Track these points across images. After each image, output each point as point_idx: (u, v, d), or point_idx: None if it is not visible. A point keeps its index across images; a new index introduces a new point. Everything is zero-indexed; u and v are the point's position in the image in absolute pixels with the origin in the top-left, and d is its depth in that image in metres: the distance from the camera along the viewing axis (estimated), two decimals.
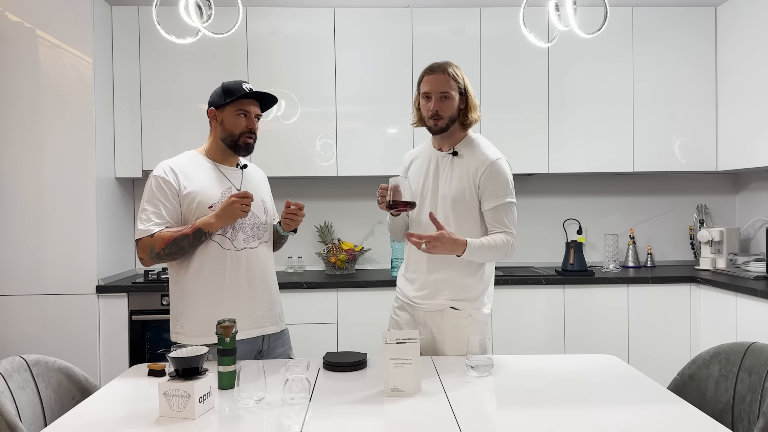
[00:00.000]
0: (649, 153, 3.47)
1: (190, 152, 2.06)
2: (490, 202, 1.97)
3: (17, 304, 3.01)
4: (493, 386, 1.70)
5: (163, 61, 3.32)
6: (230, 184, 2.02)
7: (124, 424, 1.42)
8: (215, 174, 2.01)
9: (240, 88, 1.98)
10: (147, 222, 1.89)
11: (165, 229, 1.89)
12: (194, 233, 1.88)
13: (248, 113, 2.00)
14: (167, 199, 1.92)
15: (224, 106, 1.98)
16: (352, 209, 3.71)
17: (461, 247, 1.89)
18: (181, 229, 1.89)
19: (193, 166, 2.00)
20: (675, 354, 3.17)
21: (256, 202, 2.03)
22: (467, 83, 2.02)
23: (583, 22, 2.07)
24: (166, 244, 1.86)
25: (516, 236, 2.00)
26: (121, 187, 3.43)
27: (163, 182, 1.92)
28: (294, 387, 1.55)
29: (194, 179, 1.96)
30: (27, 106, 3.02)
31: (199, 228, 1.88)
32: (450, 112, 1.98)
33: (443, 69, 1.98)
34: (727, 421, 1.67)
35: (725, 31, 3.42)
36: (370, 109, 3.40)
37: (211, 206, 1.93)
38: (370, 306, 3.12)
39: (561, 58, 3.43)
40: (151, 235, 1.87)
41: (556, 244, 3.68)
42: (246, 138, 2.00)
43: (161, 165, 1.98)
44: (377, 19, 3.39)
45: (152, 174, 1.96)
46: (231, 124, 1.99)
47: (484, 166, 1.97)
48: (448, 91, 1.97)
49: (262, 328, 2.01)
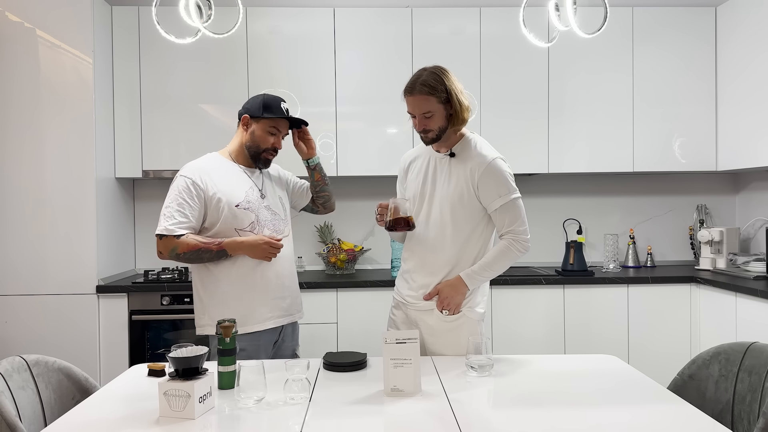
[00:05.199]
0: (649, 153, 3.47)
1: (213, 154, 2.17)
2: (495, 203, 1.97)
3: (17, 303, 3.01)
4: (493, 386, 1.70)
5: (163, 61, 3.32)
6: (253, 184, 2.13)
7: (124, 424, 1.42)
8: (240, 175, 2.13)
9: (279, 108, 2.11)
10: (171, 219, 1.99)
11: (191, 235, 1.99)
12: (218, 252, 2.00)
13: (278, 132, 2.13)
14: (192, 200, 2.01)
15: (260, 119, 2.09)
16: (352, 209, 3.71)
17: (461, 283, 1.96)
18: (207, 242, 1.99)
19: (218, 168, 2.11)
20: (675, 354, 3.17)
21: (275, 200, 2.18)
22: (451, 86, 1.92)
23: (583, 22, 2.07)
24: (189, 251, 1.98)
25: (527, 229, 2.00)
26: (121, 187, 3.43)
27: (191, 184, 2.02)
28: (294, 387, 1.55)
29: (219, 182, 2.06)
30: (27, 106, 3.02)
31: (224, 249, 2.00)
32: (437, 124, 1.95)
33: (418, 89, 1.91)
34: (727, 421, 1.67)
35: (725, 31, 3.42)
36: (369, 109, 3.40)
37: (237, 204, 2.05)
38: (370, 306, 3.12)
39: (561, 58, 3.43)
40: (177, 236, 1.97)
41: (556, 244, 3.68)
42: (269, 154, 2.14)
43: (190, 166, 2.09)
44: (377, 19, 3.39)
45: (180, 174, 2.06)
46: (260, 137, 2.11)
47: (481, 168, 1.96)
48: (428, 109, 1.93)
49: (291, 316, 2.18)
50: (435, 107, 1.93)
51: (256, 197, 2.11)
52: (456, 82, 1.95)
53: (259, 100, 2.12)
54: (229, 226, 2.05)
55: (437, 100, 1.92)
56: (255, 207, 2.09)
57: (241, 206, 2.05)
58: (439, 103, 1.93)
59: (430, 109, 1.93)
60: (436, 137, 1.97)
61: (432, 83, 1.92)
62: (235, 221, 2.05)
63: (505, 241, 1.98)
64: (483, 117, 3.38)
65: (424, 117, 1.94)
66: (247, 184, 2.11)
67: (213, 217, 2.04)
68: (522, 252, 1.99)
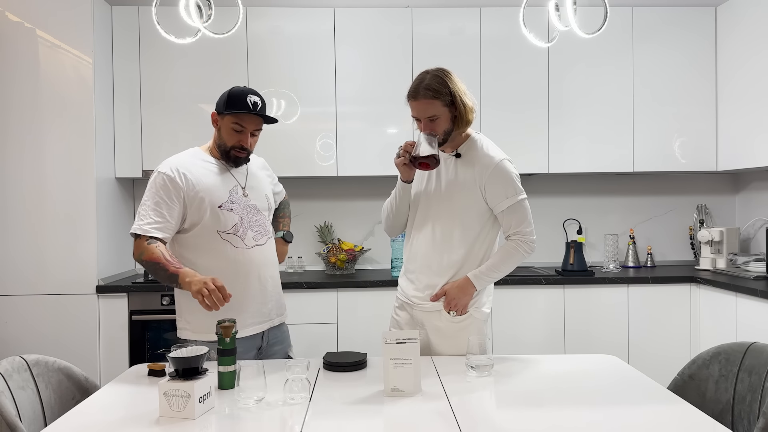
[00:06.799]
0: (649, 153, 3.47)
1: (194, 150, 2.06)
2: (502, 204, 1.96)
3: (17, 303, 3.01)
4: (493, 386, 1.69)
5: (163, 61, 3.32)
6: (236, 182, 2.03)
7: (124, 424, 1.42)
8: (221, 173, 2.01)
9: (243, 101, 1.93)
10: (145, 218, 1.88)
11: (161, 246, 1.85)
12: (171, 275, 1.81)
13: (243, 130, 1.96)
14: (170, 198, 1.90)
15: (224, 115, 1.96)
16: (352, 209, 3.71)
17: (469, 283, 1.95)
18: (171, 261, 1.83)
19: (199, 165, 1.99)
20: (675, 354, 3.17)
21: (260, 197, 2.07)
22: (455, 88, 1.91)
23: (583, 22, 2.07)
24: (151, 260, 1.83)
25: (533, 230, 2.00)
26: (121, 187, 3.43)
27: (169, 181, 1.91)
28: (294, 387, 1.55)
29: (201, 179, 1.96)
30: (27, 106, 3.02)
31: (178, 275, 1.80)
32: (443, 127, 1.93)
33: (422, 94, 1.90)
34: (727, 421, 1.67)
35: (725, 31, 3.42)
36: (370, 109, 3.40)
37: (221, 205, 1.94)
38: (370, 306, 3.12)
39: (561, 58, 3.43)
40: (148, 240, 1.85)
41: (556, 244, 3.68)
42: (236, 152, 1.99)
43: (168, 163, 1.96)
44: (377, 19, 3.39)
45: (158, 170, 1.94)
46: (226, 134, 1.98)
47: (489, 169, 1.95)
48: (433, 113, 1.91)
49: (270, 321, 2.07)
50: (440, 110, 1.91)
51: (239, 196, 2.00)
52: (459, 84, 1.94)
53: (224, 95, 1.96)
54: (210, 228, 1.94)
55: (442, 103, 1.90)
56: (239, 207, 1.99)
57: (225, 207, 1.95)
58: (444, 106, 1.91)
59: (435, 112, 1.91)
60: (442, 140, 1.96)
61: (436, 86, 1.90)
62: (217, 223, 1.95)
63: (513, 242, 1.98)
64: (483, 117, 3.38)
65: (429, 121, 1.92)
66: (230, 182, 2.00)
67: (194, 218, 1.93)
68: (529, 253, 2.00)
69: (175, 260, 1.85)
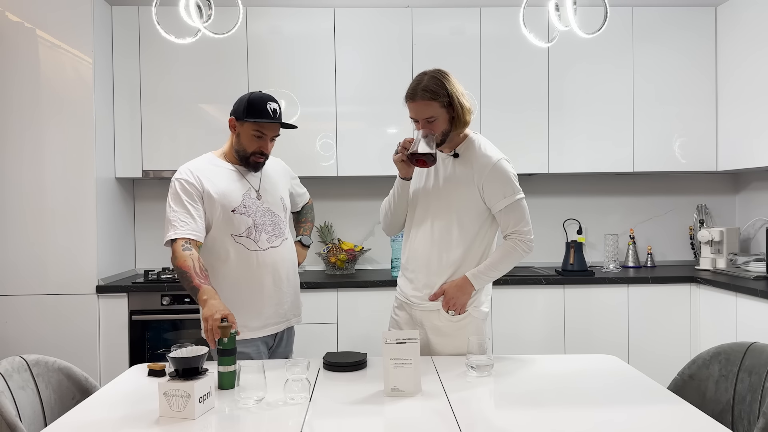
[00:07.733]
0: (649, 153, 3.47)
1: (208, 155, 2.10)
2: (500, 204, 1.96)
3: (17, 303, 3.01)
4: (493, 386, 1.70)
5: (163, 61, 3.32)
6: (249, 186, 2.06)
7: (124, 424, 1.42)
8: (235, 176, 2.05)
9: (264, 110, 1.98)
10: (174, 221, 1.91)
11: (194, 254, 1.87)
12: (194, 288, 1.83)
13: (264, 136, 2.01)
14: (192, 199, 1.95)
15: (245, 122, 2.00)
16: (352, 209, 3.71)
17: (467, 282, 1.95)
18: (198, 273, 1.85)
19: (213, 169, 2.03)
20: (675, 354, 3.17)
21: (274, 200, 2.10)
22: (452, 89, 1.92)
23: (583, 22, 2.07)
24: (179, 268, 1.85)
25: (531, 229, 2.00)
26: (121, 187, 3.43)
27: (186, 184, 1.96)
28: (294, 387, 1.55)
29: (215, 183, 1.99)
30: (27, 106, 3.02)
31: (199, 290, 1.81)
32: (441, 128, 1.94)
33: (420, 95, 1.91)
34: (727, 421, 1.67)
35: (725, 31, 3.42)
36: (370, 109, 3.40)
37: (234, 210, 1.98)
38: (370, 306, 3.12)
39: (561, 58, 3.43)
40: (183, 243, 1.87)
41: (556, 244, 3.68)
42: (256, 158, 2.04)
43: (183, 168, 2.01)
44: (377, 19, 3.39)
45: (174, 177, 1.99)
46: (246, 140, 2.02)
47: (487, 169, 1.95)
48: (431, 114, 1.92)
49: (287, 321, 2.12)
50: (437, 112, 1.92)
51: (253, 200, 2.04)
52: (457, 85, 1.94)
53: (244, 101, 2.00)
54: (223, 232, 1.99)
55: (439, 104, 1.91)
56: (252, 211, 2.02)
57: (238, 211, 1.99)
58: (442, 107, 1.92)
59: (432, 114, 1.92)
60: (440, 142, 1.97)
61: (433, 88, 1.91)
62: (230, 227, 1.99)
63: (511, 242, 1.98)
64: (483, 117, 3.38)
65: (427, 122, 1.93)
66: (243, 186, 2.04)
67: (209, 221, 1.97)
68: (527, 252, 2.00)
69: (202, 273, 1.86)
